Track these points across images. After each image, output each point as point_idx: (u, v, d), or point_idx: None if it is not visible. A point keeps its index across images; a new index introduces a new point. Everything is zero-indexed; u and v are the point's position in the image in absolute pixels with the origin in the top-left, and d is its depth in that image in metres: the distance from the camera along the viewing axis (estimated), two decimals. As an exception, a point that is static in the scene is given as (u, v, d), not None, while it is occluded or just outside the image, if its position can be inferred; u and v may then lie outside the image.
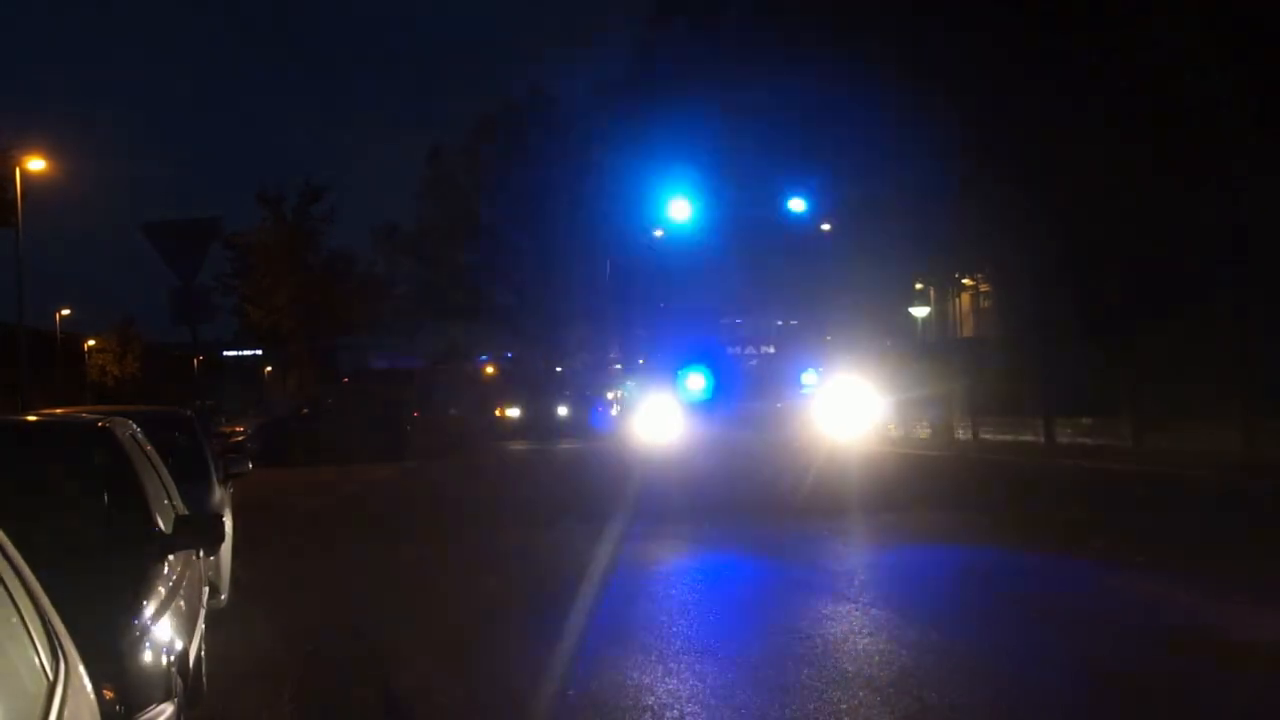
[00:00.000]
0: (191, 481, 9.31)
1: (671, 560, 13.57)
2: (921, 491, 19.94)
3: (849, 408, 19.25)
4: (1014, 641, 8.87)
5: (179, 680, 5.37)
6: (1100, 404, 28.89)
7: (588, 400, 48.38)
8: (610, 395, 37.39)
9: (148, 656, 5.05)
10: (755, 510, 16.68)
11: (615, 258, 26.65)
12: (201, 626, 6.87)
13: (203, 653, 6.94)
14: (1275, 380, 23.33)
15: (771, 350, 20.50)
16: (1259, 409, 24.01)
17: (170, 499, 7.10)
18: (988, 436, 31.24)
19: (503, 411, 52.31)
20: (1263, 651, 8.25)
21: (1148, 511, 17.12)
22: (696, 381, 20.23)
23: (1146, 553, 12.55)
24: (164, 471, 7.44)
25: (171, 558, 6.09)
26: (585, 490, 21.53)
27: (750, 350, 20.53)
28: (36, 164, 32.51)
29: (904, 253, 32.04)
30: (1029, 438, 30.11)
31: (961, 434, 31.99)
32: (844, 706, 7.08)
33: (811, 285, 21.20)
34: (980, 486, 21.28)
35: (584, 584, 11.37)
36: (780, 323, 20.79)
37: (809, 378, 20.14)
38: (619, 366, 27.16)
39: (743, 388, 20.26)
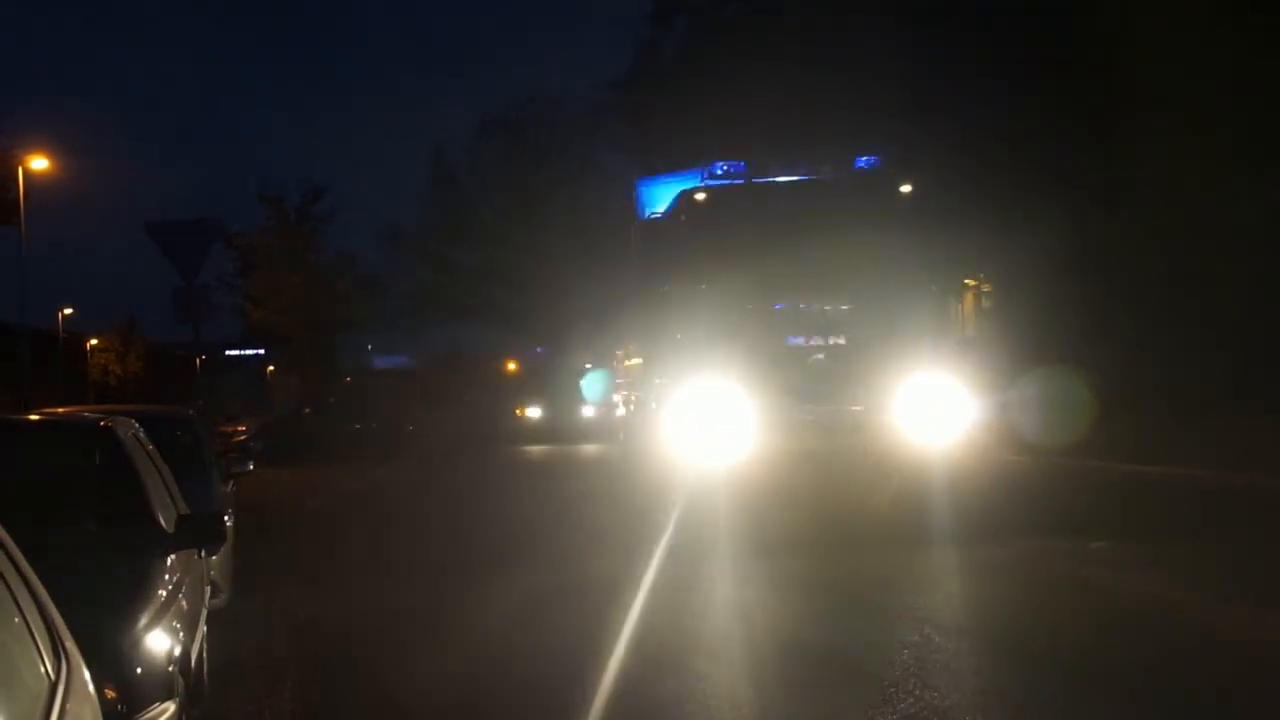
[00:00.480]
0: (193, 481, 9.31)
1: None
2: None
3: (940, 410, 15.70)
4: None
5: (180, 680, 5.37)
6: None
7: (590, 401, 46.73)
8: (618, 396, 34.96)
9: (149, 656, 5.05)
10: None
11: (641, 226, 20.45)
12: (203, 626, 6.87)
13: (204, 652, 6.94)
14: None
15: (842, 341, 15.95)
16: None
17: (172, 498, 7.10)
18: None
19: (522, 411, 49.25)
20: None
21: None
22: (747, 379, 15.51)
23: None
24: (166, 471, 7.45)
25: (173, 557, 6.10)
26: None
27: (815, 340, 15.95)
28: (39, 163, 32.55)
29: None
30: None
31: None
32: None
33: (888, 262, 16.08)
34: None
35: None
36: (849, 308, 16.18)
37: (887, 374, 15.68)
38: (638, 361, 23.48)
39: (807, 387, 15.61)
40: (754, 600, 10.83)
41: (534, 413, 48.58)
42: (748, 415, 15.28)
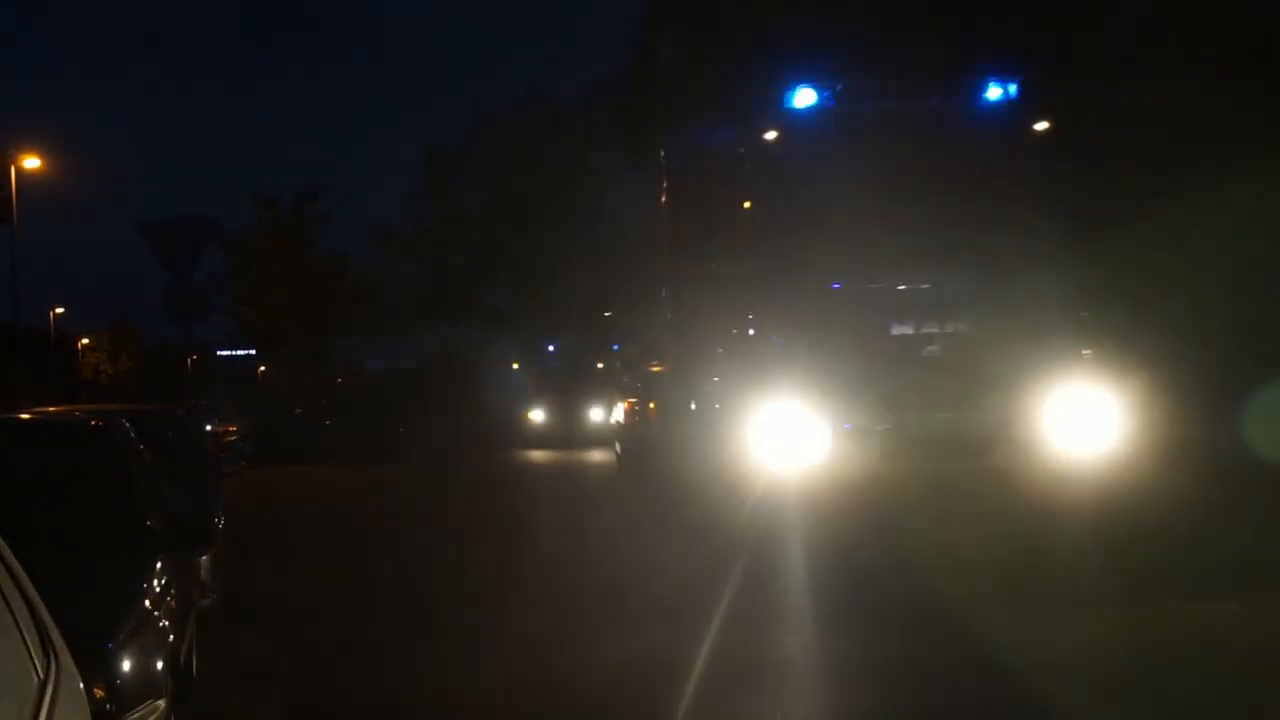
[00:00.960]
0: (184, 481, 9.31)
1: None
2: None
3: (1098, 420, 11.73)
4: None
5: (169, 679, 5.38)
6: None
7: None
8: (625, 401, 31.37)
9: (138, 655, 5.05)
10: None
11: (679, 184, 15.94)
12: (192, 625, 6.87)
13: (193, 651, 6.95)
14: None
15: (963, 330, 12.21)
16: None
17: (163, 498, 7.11)
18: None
19: (526, 414, 46.00)
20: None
21: None
22: (830, 381, 11.42)
23: None
24: (156, 471, 7.45)
25: (163, 557, 6.10)
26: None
27: (928, 328, 11.99)
28: (32, 162, 32.51)
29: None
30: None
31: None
32: None
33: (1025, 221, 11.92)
34: None
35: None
36: (972, 284, 12.00)
37: (1026, 372, 11.64)
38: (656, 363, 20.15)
39: (916, 387, 11.67)
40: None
41: (537, 416, 44.77)
42: (841, 424, 11.37)
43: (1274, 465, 15.04)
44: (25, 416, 9.19)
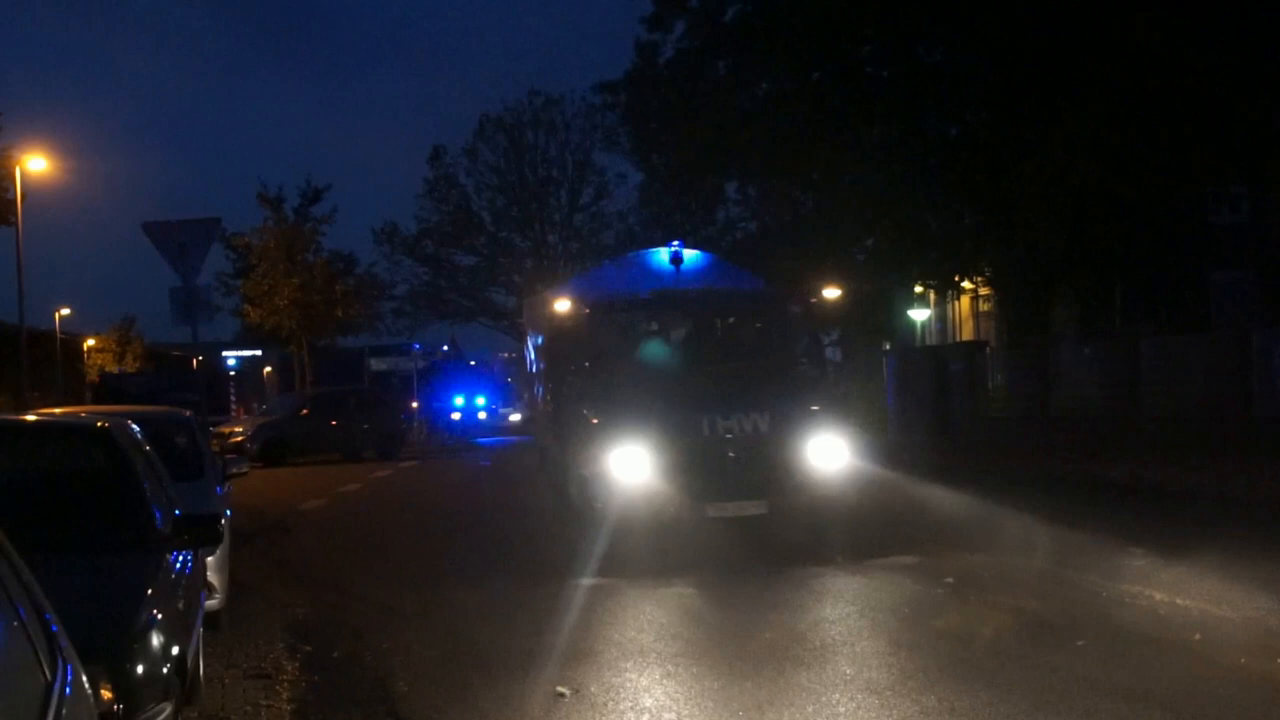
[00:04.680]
0: (190, 482, 9.32)
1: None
2: None
3: None
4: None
5: (176, 680, 5.38)
6: None
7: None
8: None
9: (145, 656, 5.06)
10: None
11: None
12: (199, 626, 6.88)
13: (200, 652, 6.95)
14: None
15: None
16: None
17: (169, 499, 7.11)
18: None
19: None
20: None
21: None
22: None
23: None
24: (163, 472, 7.46)
25: (170, 558, 6.11)
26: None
27: None
28: (37, 163, 32.49)
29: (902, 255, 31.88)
30: None
31: None
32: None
33: None
34: None
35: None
36: None
37: None
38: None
39: None
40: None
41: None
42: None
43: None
44: (31, 418, 9.20)
